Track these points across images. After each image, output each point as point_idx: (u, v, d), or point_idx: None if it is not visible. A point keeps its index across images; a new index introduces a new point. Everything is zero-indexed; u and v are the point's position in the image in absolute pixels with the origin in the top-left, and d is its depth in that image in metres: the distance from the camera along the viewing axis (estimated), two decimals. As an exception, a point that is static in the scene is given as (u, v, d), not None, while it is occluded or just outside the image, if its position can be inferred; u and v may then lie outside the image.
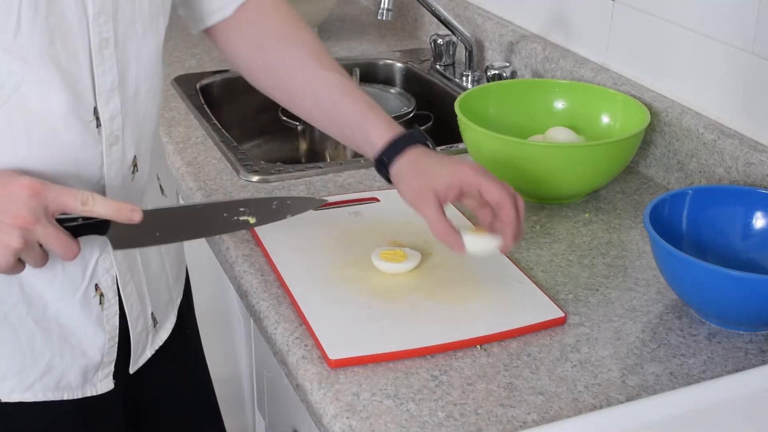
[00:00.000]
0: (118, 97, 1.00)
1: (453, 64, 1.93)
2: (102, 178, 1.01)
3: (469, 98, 1.45)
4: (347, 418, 0.94)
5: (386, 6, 1.67)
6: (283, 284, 1.14)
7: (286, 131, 1.80)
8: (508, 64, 1.74)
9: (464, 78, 1.84)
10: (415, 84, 1.96)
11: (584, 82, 1.54)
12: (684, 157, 1.39)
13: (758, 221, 1.17)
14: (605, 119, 1.47)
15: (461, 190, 1.06)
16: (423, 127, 1.78)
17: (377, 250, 1.17)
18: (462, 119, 1.37)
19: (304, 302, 1.10)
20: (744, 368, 1.03)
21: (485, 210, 1.08)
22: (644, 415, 0.91)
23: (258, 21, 1.17)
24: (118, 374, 1.11)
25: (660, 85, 1.48)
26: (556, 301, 1.12)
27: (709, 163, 1.34)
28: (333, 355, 1.01)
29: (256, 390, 1.42)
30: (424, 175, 1.07)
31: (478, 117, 1.39)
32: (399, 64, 2.01)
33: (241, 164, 1.46)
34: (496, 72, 1.72)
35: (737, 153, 1.29)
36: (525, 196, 1.37)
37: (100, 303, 1.05)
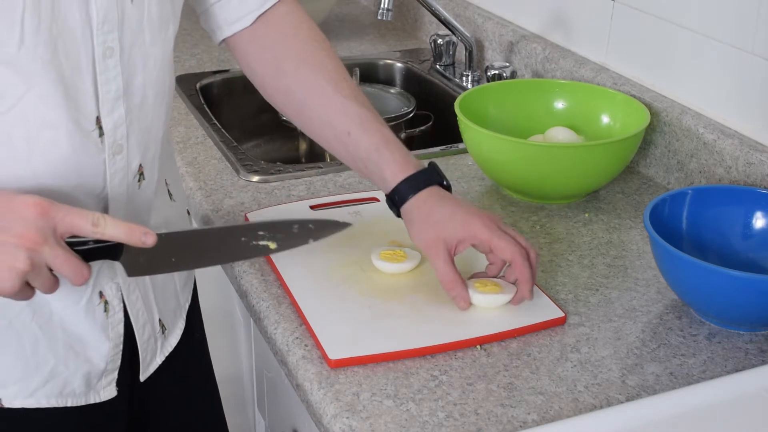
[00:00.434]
0: (122, 106, 0.98)
1: (453, 64, 1.93)
2: (105, 187, 0.99)
3: (469, 98, 1.45)
4: (347, 418, 0.94)
5: (386, 6, 1.67)
6: (283, 284, 1.14)
7: (286, 131, 1.80)
8: (508, 64, 1.74)
9: (464, 78, 1.84)
10: (415, 84, 1.96)
11: (584, 82, 1.54)
12: (684, 157, 1.39)
13: (758, 221, 1.17)
14: (605, 119, 1.47)
15: (472, 245, 1.08)
16: (423, 128, 1.79)
17: (377, 250, 1.17)
18: (462, 119, 1.37)
19: (304, 302, 1.10)
20: (744, 368, 1.03)
21: (497, 260, 1.10)
22: (644, 415, 0.91)
23: (278, 41, 1.15)
24: (123, 381, 1.10)
25: (660, 85, 1.48)
26: (556, 301, 1.12)
27: (709, 163, 1.34)
28: (333, 355, 1.01)
29: (256, 390, 1.42)
30: (436, 227, 1.07)
31: (478, 117, 1.39)
32: (399, 64, 2.01)
33: (241, 164, 1.46)
34: (496, 72, 1.72)
35: (737, 153, 1.29)
36: (525, 196, 1.38)
37: (105, 311, 1.04)
